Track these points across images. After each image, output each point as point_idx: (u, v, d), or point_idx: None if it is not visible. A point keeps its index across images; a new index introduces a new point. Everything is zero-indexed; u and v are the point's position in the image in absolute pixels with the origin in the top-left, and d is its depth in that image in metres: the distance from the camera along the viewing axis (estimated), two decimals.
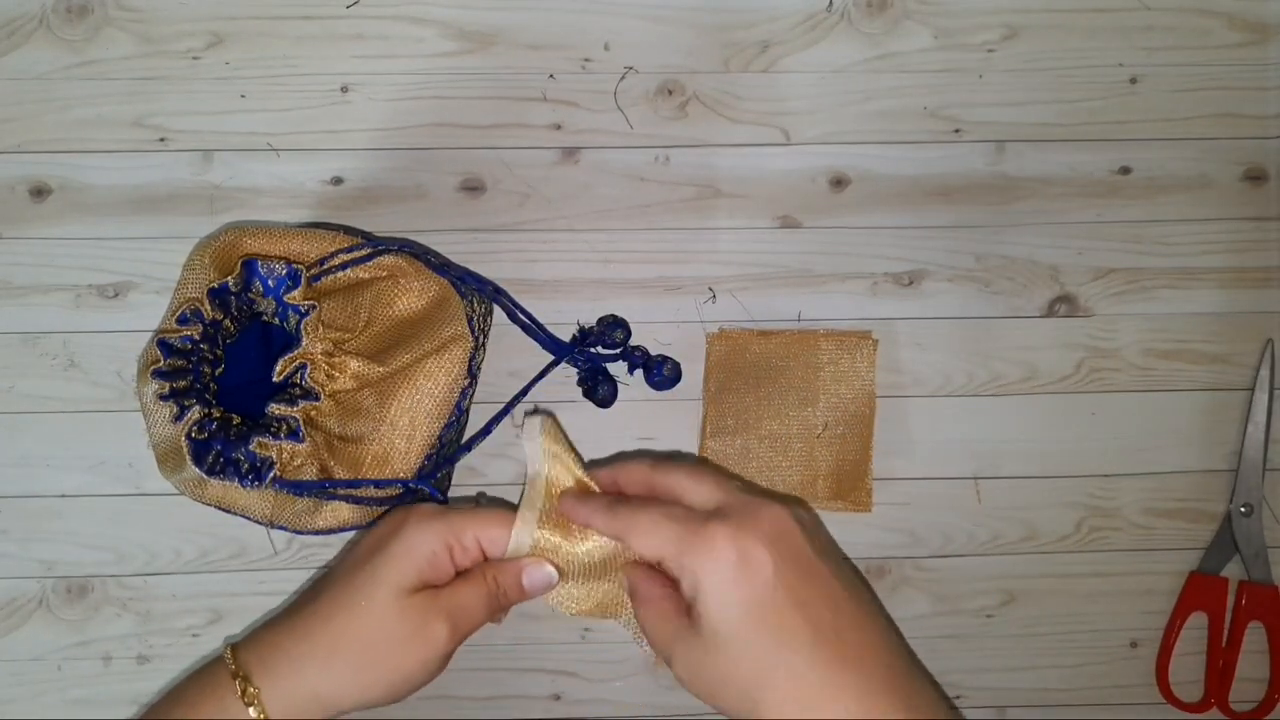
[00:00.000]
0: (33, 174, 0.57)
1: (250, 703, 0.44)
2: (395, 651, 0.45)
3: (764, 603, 0.42)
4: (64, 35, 0.57)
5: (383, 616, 0.45)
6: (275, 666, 0.45)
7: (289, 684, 0.45)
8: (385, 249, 0.51)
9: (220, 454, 0.48)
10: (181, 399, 0.48)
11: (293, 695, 0.45)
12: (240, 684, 0.45)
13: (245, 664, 0.45)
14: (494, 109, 0.58)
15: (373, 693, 0.46)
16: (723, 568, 0.43)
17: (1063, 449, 0.59)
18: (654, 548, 0.45)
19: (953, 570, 0.59)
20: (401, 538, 0.46)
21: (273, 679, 0.45)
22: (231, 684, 0.45)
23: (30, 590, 0.57)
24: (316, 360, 0.49)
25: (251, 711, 0.44)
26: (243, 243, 0.51)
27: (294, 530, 0.51)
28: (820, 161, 0.59)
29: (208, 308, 0.49)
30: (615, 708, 0.58)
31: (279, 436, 0.48)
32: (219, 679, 0.45)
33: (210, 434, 0.48)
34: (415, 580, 0.46)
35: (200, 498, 0.50)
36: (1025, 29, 0.59)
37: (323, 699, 0.45)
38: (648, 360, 0.57)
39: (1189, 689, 0.59)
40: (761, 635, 0.42)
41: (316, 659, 0.45)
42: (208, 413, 0.48)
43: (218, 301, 0.50)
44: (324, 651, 0.45)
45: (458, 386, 0.51)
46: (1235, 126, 0.60)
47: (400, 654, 0.45)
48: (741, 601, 0.42)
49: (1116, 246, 0.59)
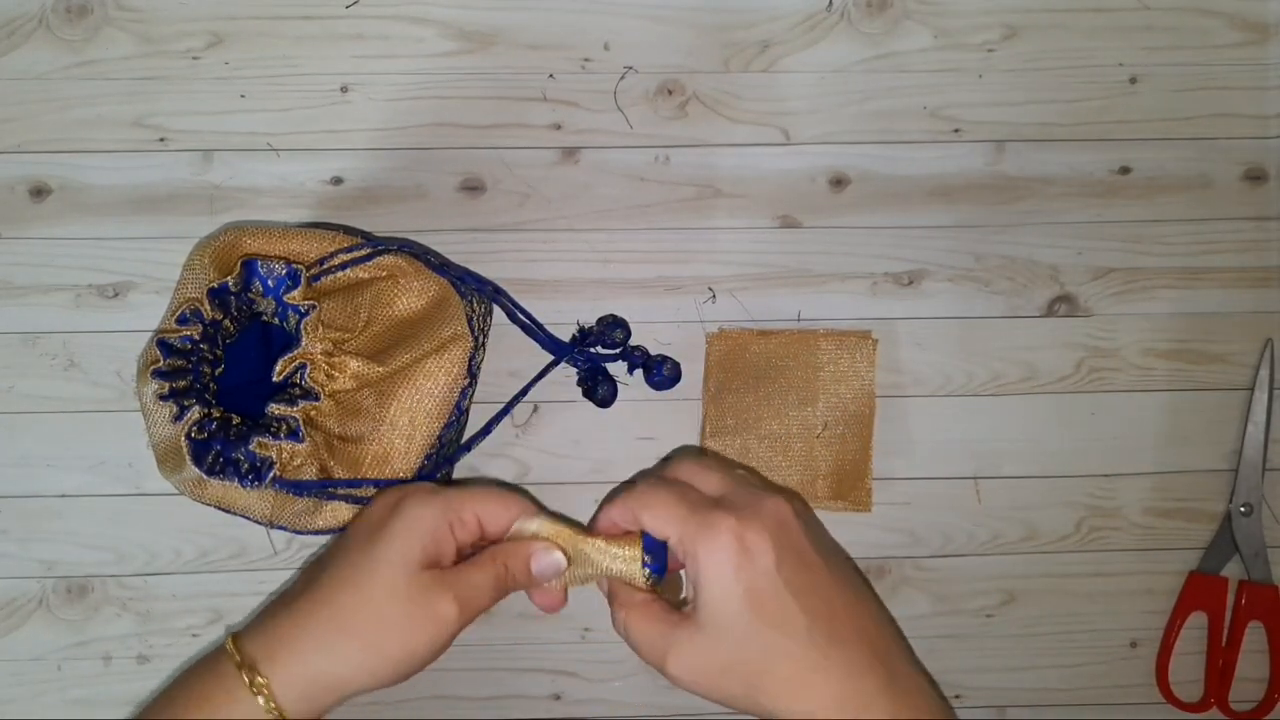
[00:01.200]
0: (33, 174, 0.57)
1: (259, 693, 0.43)
2: (404, 630, 0.45)
3: (764, 591, 0.43)
4: (64, 35, 0.57)
5: (390, 595, 0.44)
6: (281, 654, 0.44)
7: (297, 671, 0.44)
8: (385, 249, 0.51)
9: (220, 454, 0.48)
10: (181, 399, 0.48)
11: (302, 682, 0.44)
12: (247, 674, 0.43)
13: (250, 654, 0.44)
14: (494, 109, 0.58)
15: (381, 674, 0.45)
16: (726, 556, 0.43)
17: (1063, 449, 0.59)
18: (663, 527, 0.45)
19: (953, 570, 0.59)
20: (402, 515, 0.46)
21: (280, 667, 0.44)
22: (238, 675, 0.43)
23: (30, 590, 0.57)
24: (316, 360, 0.49)
25: (260, 702, 0.43)
26: (242, 243, 0.51)
27: (294, 530, 0.51)
28: (820, 161, 0.59)
29: (207, 308, 0.49)
30: (615, 708, 0.58)
31: (279, 436, 0.48)
32: (223, 670, 0.44)
33: (210, 434, 0.48)
34: (420, 557, 0.45)
35: (200, 498, 0.50)
36: (1025, 29, 0.59)
37: (333, 684, 0.44)
38: (647, 360, 0.57)
39: (1189, 689, 0.59)
40: (762, 622, 0.43)
41: (324, 643, 0.44)
42: (207, 413, 0.48)
43: (217, 301, 0.50)
44: (331, 635, 0.44)
45: (458, 386, 0.51)
46: (1235, 126, 0.60)
47: (409, 633, 0.45)
48: (743, 589, 0.43)
49: (1116, 246, 0.59)
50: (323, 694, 0.44)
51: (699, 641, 0.44)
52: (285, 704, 0.43)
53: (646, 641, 0.45)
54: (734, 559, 0.43)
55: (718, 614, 0.43)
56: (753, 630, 0.43)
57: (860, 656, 0.44)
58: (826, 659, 0.43)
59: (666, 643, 0.44)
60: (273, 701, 0.43)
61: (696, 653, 0.44)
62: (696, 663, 0.44)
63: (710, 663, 0.44)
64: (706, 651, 0.43)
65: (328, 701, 0.44)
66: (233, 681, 0.44)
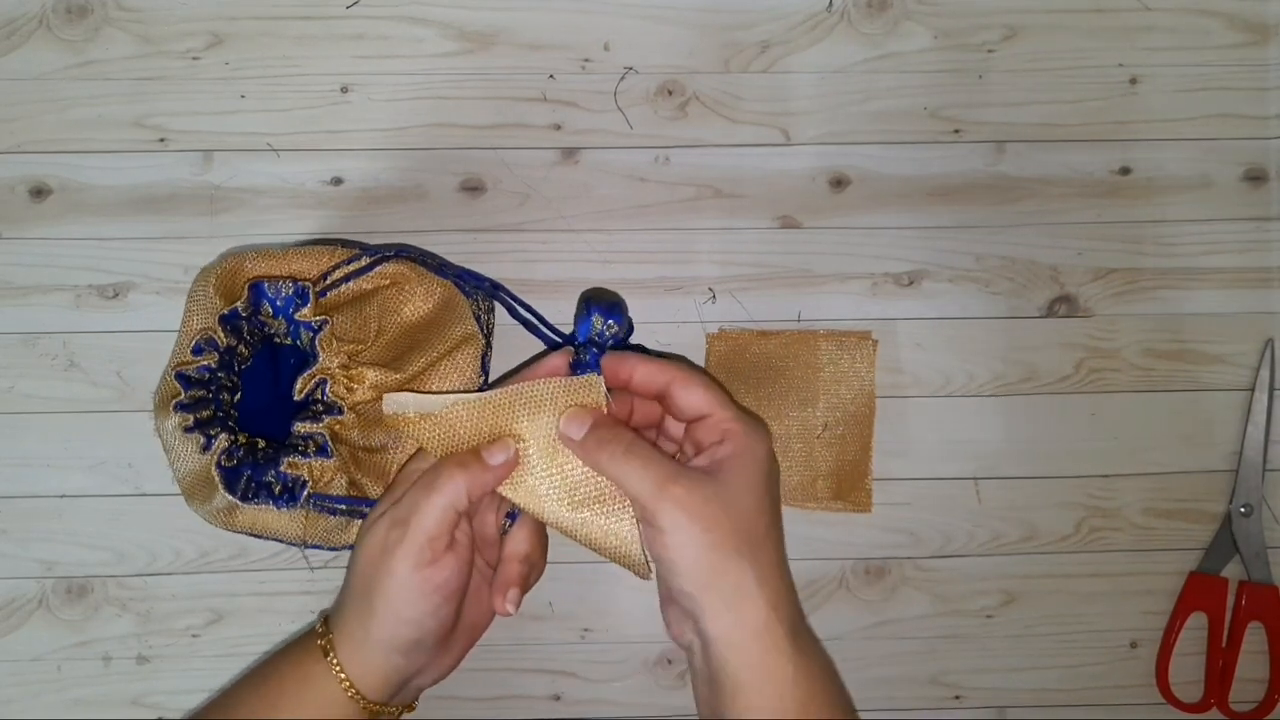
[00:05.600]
0: (33, 174, 0.57)
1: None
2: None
3: (774, 497, 0.46)
4: (64, 35, 0.57)
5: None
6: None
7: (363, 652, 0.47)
8: (383, 256, 0.51)
9: (251, 478, 0.48)
10: (206, 429, 0.48)
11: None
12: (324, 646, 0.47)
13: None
14: (494, 109, 0.58)
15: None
16: (766, 451, 0.46)
17: (1063, 449, 0.59)
18: (703, 405, 0.47)
19: (953, 570, 0.59)
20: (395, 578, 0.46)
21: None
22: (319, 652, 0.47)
23: (30, 590, 0.57)
24: (335, 374, 0.49)
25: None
26: (244, 267, 0.51)
27: (328, 547, 0.51)
28: (820, 161, 0.59)
29: (221, 335, 0.49)
30: (615, 708, 0.58)
31: (308, 454, 0.48)
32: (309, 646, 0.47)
33: (239, 460, 0.48)
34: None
35: (230, 525, 0.50)
36: (1025, 29, 0.59)
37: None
38: None
39: (1189, 689, 0.59)
40: (763, 511, 0.45)
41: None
42: (234, 439, 0.48)
43: (230, 327, 0.50)
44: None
45: (473, 385, 0.51)
46: (1235, 126, 0.60)
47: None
48: (765, 480, 0.46)
49: (1116, 246, 0.59)
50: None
51: (709, 487, 0.44)
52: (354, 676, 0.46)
53: (653, 463, 0.44)
54: (770, 454, 0.46)
55: (738, 481, 0.44)
56: (759, 508, 0.45)
57: (783, 592, 0.45)
58: (770, 582, 0.44)
59: (673, 472, 0.44)
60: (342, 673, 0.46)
61: (705, 493, 0.44)
62: (696, 502, 0.43)
63: (713, 509, 0.43)
64: (713, 501, 0.43)
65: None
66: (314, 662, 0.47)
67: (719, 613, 0.43)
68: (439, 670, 0.49)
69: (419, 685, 0.49)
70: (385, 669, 0.46)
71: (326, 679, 0.46)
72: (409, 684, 0.48)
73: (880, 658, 0.59)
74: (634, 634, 0.58)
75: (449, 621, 0.47)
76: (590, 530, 0.46)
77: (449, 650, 0.49)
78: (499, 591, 0.48)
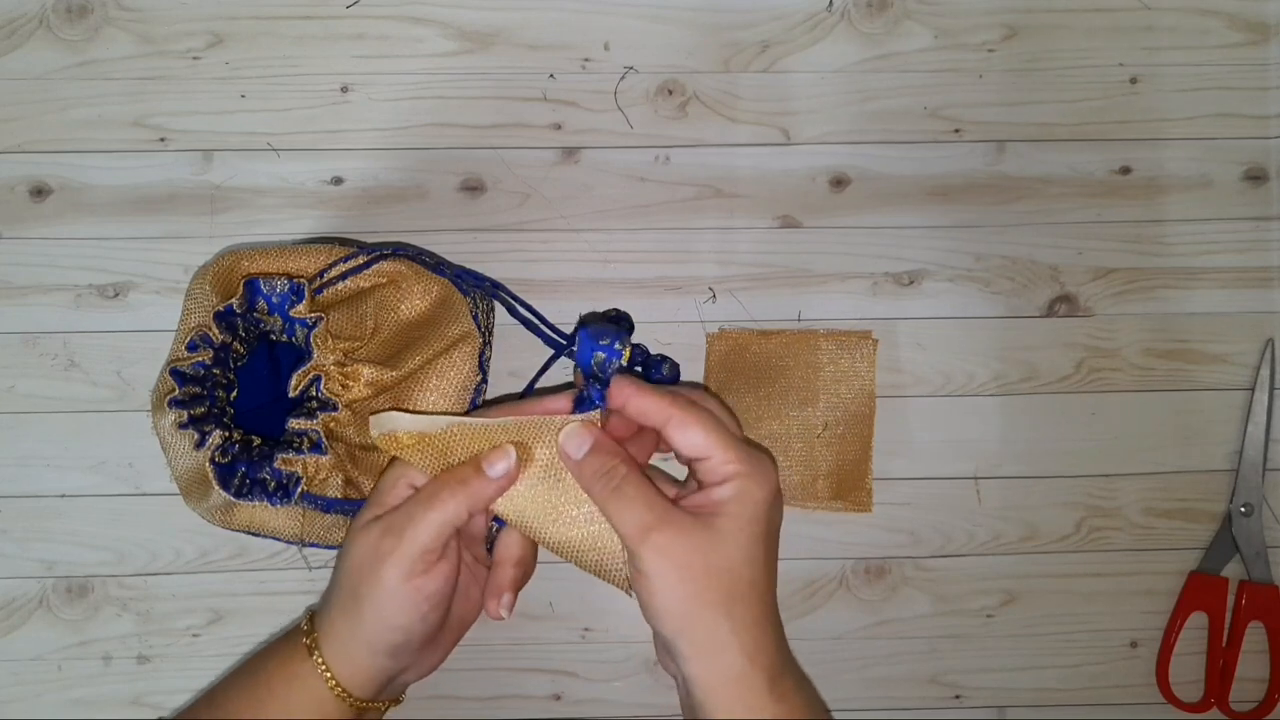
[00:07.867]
0: (33, 174, 0.57)
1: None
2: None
3: (772, 540, 0.45)
4: (64, 35, 0.57)
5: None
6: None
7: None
8: (380, 255, 0.51)
9: (246, 475, 0.48)
10: (201, 425, 0.48)
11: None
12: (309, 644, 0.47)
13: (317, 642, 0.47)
14: (494, 109, 0.58)
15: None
16: (770, 491, 0.45)
17: (1063, 449, 0.59)
18: (701, 447, 0.45)
19: (953, 570, 0.59)
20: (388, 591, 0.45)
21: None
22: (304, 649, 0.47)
23: (30, 590, 0.57)
24: (329, 371, 0.49)
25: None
26: (240, 265, 0.51)
27: (326, 546, 0.51)
28: (820, 161, 0.59)
29: (216, 331, 0.49)
30: (615, 708, 0.58)
31: (302, 451, 0.48)
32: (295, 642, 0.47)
33: (234, 456, 0.48)
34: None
35: (228, 524, 0.50)
36: (1025, 29, 0.59)
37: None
38: (647, 360, 0.57)
39: (1189, 689, 0.59)
40: (755, 561, 0.44)
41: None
42: (228, 436, 0.48)
43: (225, 324, 0.49)
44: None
45: (470, 384, 0.51)
46: (1235, 126, 0.60)
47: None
48: (765, 525, 0.44)
49: (1116, 246, 0.59)
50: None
51: (696, 535, 0.43)
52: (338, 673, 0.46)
53: (641, 503, 0.44)
54: (773, 497, 0.45)
55: (730, 528, 0.43)
56: (747, 559, 0.43)
57: (763, 642, 0.44)
58: (748, 632, 0.43)
59: (661, 516, 0.43)
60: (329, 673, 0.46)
61: (690, 543, 0.43)
62: (679, 552, 0.43)
63: (694, 560, 0.43)
64: (696, 552, 0.43)
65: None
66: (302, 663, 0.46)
67: (693, 658, 0.43)
68: (426, 667, 0.49)
69: (405, 681, 0.49)
70: (371, 668, 0.46)
71: (313, 677, 0.46)
72: (395, 681, 0.48)
73: (880, 657, 0.59)
74: (634, 634, 0.58)
75: (437, 624, 0.47)
76: (579, 552, 0.47)
77: (436, 648, 0.49)
78: (492, 596, 0.47)
